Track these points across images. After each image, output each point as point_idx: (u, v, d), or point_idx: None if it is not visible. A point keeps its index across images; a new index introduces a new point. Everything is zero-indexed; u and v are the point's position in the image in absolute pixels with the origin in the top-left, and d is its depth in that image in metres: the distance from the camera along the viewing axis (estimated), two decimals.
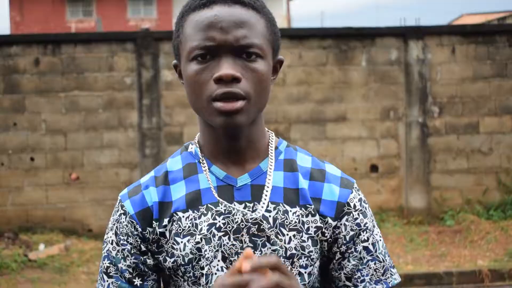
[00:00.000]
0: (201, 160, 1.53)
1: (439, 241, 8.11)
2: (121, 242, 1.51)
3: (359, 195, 1.56)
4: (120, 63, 8.72)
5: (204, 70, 1.42)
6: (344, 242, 1.52)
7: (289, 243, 1.47)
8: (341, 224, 1.51)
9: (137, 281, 1.51)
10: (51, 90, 8.61)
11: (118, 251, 1.51)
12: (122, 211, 1.52)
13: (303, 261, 1.48)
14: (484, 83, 9.07)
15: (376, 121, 8.98)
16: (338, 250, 1.53)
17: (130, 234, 1.50)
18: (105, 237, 1.56)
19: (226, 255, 1.46)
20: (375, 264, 1.54)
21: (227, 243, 1.45)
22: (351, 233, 1.52)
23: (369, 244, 1.54)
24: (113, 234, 1.52)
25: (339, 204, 1.51)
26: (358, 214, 1.53)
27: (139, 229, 1.49)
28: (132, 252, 1.50)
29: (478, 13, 32.82)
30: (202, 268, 1.46)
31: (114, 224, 1.53)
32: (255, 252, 1.45)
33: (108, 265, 1.52)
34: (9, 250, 7.66)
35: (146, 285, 1.52)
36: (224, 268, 1.45)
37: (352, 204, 1.53)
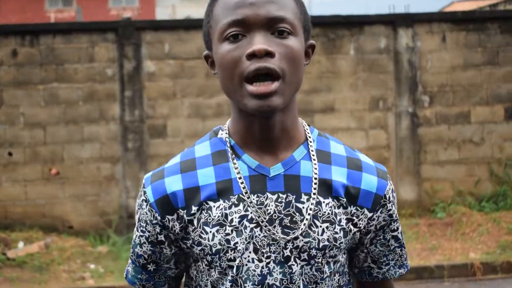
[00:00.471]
0: (230, 148, 1.52)
1: (430, 234, 8.14)
2: (141, 228, 1.56)
3: (391, 185, 1.60)
4: (101, 53, 8.67)
5: (236, 49, 1.42)
6: (374, 230, 1.58)
7: (322, 234, 1.49)
8: (376, 216, 1.56)
9: (151, 267, 1.58)
10: (29, 82, 8.55)
11: (137, 236, 1.58)
12: (144, 198, 1.55)
13: (334, 252, 1.51)
14: (475, 71, 9.09)
15: (365, 112, 8.98)
16: (368, 239, 1.59)
17: (148, 222, 1.54)
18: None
19: (258, 247, 1.47)
20: (401, 250, 1.65)
21: (259, 234, 1.46)
22: (383, 223, 1.58)
23: (398, 233, 1.62)
24: (137, 219, 1.58)
25: (377, 196, 1.55)
26: (391, 205, 1.58)
27: (158, 218, 1.52)
28: (149, 240, 1.55)
29: None
30: (230, 260, 1.47)
31: (138, 209, 1.57)
32: (288, 243, 1.47)
33: (132, 248, 1.61)
34: None
35: (160, 269, 1.58)
36: (255, 260, 1.47)
37: (388, 196, 1.57)
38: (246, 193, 1.47)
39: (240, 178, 1.48)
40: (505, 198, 8.89)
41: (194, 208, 1.49)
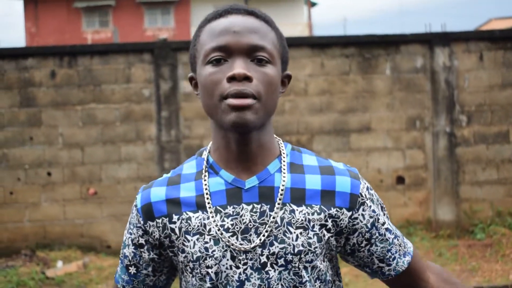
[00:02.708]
0: (209, 166, 1.66)
1: (469, 255, 8.05)
2: (129, 230, 1.73)
3: (365, 183, 1.69)
4: (138, 74, 8.79)
5: (218, 72, 1.55)
6: (367, 229, 1.67)
7: (296, 240, 1.60)
8: (358, 215, 1.65)
9: (132, 270, 1.74)
10: (67, 103, 8.69)
11: (126, 237, 1.74)
12: (135, 203, 1.71)
13: (309, 257, 1.61)
14: None
15: (402, 131, 8.95)
16: (363, 238, 1.68)
17: (134, 225, 1.71)
18: None
19: (235, 254, 1.59)
20: (397, 240, 1.74)
21: (235, 242, 1.59)
22: (371, 220, 1.68)
23: (388, 225, 1.72)
24: (128, 221, 1.75)
25: (352, 196, 1.65)
26: (370, 202, 1.68)
27: (141, 222, 1.68)
28: (133, 242, 1.72)
29: (507, 17, 32.63)
30: (208, 267, 1.60)
31: (131, 213, 1.74)
32: (264, 250, 1.58)
33: (121, 249, 1.77)
34: (26, 268, 7.72)
35: (139, 275, 1.74)
36: (233, 266, 1.59)
37: (364, 194, 1.67)
38: (209, 208, 1.60)
39: (207, 193, 1.61)
40: None
41: (175, 217, 1.63)
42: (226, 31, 1.56)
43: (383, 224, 1.70)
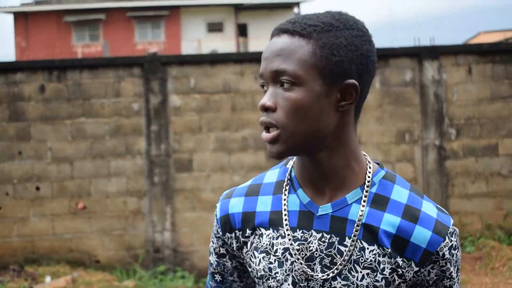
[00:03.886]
0: (287, 182, 1.60)
1: None
2: (212, 239, 1.72)
3: (451, 241, 1.53)
4: (127, 88, 8.78)
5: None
6: (427, 285, 1.55)
7: (361, 280, 1.50)
8: (425, 270, 1.52)
9: (218, 277, 1.74)
10: (57, 117, 8.67)
11: (210, 245, 1.74)
12: (215, 212, 1.69)
13: None
14: (503, 103, 9.06)
15: (391, 144, 8.97)
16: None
17: (215, 234, 1.70)
18: None
19: (296, 280, 1.53)
20: None
21: (299, 269, 1.53)
22: (435, 278, 1.53)
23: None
24: (212, 229, 1.72)
25: (426, 251, 1.50)
26: (445, 262, 1.53)
27: (220, 233, 1.67)
28: (215, 251, 1.71)
29: (495, 30, 32.83)
30: (270, 287, 1.56)
31: (214, 220, 1.71)
32: (325, 283, 1.51)
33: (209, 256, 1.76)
34: (14, 283, 7.67)
35: (225, 282, 1.74)
36: None
37: (441, 254, 1.52)
38: (287, 230, 1.54)
39: (285, 213, 1.56)
40: None
41: (248, 232, 1.61)
42: (262, 57, 1.54)
43: (445, 287, 1.56)
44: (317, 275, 1.51)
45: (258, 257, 1.58)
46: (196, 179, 8.71)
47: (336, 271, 1.50)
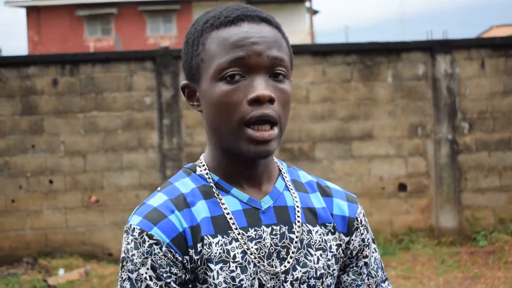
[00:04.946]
0: (214, 184, 1.48)
1: (472, 263, 8.03)
2: (164, 275, 1.37)
3: (362, 209, 1.60)
4: (139, 82, 8.79)
5: (235, 91, 1.38)
6: (350, 256, 1.56)
7: (317, 263, 1.47)
8: (352, 239, 1.55)
9: None
10: (69, 111, 8.70)
11: (161, 286, 1.38)
12: (152, 241, 1.38)
13: (329, 280, 1.50)
14: None
15: (404, 139, 8.95)
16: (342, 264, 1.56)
17: (172, 264, 1.38)
18: (134, 276, 1.39)
19: (263, 282, 1.42)
20: (368, 279, 1.58)
21: (262, 269, 1.42)
22: (358, 248, 1.56)
23: (368, 259, 1.58)
24: (147, 269, 1.38)
25: (350, 219, 1.55)
26: (364, 229, 1.57)
27: (180, 258, 1.39)
28: (177, 282, 1.39)
29: (508, 24, 32.64)
30: None
31: (145, 258, 1.38)
32: (287, 276, 1.44)
33: None
34: (28, 275, 7.71)
35: None
36: None
37: (359, 219, 1.57)
38: (236, 229, 1.42)
39: (228, 213, 1.43)
40: None
41: (199, 246, 1.40)
42: (243, 41, 1.38)
43: (365, 257, 1.57)
44: (278, 270, 1.43)
45: (214, 269, 1.39)
46: None
47: (293, 260, 1.45)
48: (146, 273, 1.37)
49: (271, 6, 37.96)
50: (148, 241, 1.38)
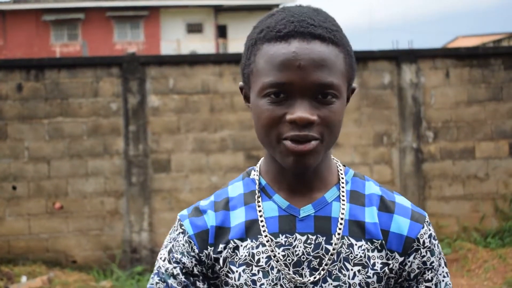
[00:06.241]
0: (261, 189, 1.51)
1: None
2: (174, 260, 1.50)
3: (429, 230, 1.51)
4: (106, 88, 8.74)
5: (276, 109, 1.38)
6: (408, 278, 1.50)
7: (353, 278, 1.44)
8: (408, 261, 1.48)
9: None
10: (34, 116, 8.60)
11: (168, 268, 1.50)
12: (181, 230, 1.52)
13: None
14: (479, 107, 9.13)
15: (369, 147, 9.01)
16: (400, 286, 1.51)
17: (185, 253, 1.49)
18: (158, 255, 1.55)
19: None
20: None
21: (286, 276, 1.43)
22: (417, 271, 1.49)
23: (432, 284, 1.51)
24: (167, 252, 1.52)
25: (407, 239, 1.48)
26: (426, 251, 1.50)
27: (196, 251, 1.49)
28: (183, 271, 1.48)
29: (473, 35, 33.09)
30: None
31: (170, 242, 1.53)
32: (315, 287, 1.42)
33: (158, 281, 1.51)
34: None
35: None
36: None
37: (421, 241, 1.49)
38: (265, 233, 1.44)
39: (262, 220, 1.46)
40: (510, 234, 8.86)
41: (221, 246, 1.47)
42: (289, 63, 1.36)
43: (427, 281, 1.50)
44: (306, 280, 1.42)
45: (237, 271, 1.45)
46: (174, 179, 8.69)
47: (325, 272, 1.43)
48: (163, 254, 1.53)
49: (241, 13, 38.02)
50: (178, 229, 1.53)
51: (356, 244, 1.45)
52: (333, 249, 1.44)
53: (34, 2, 34.00)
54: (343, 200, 1.48)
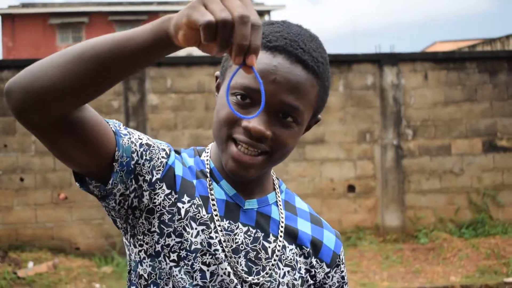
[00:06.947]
0: (208, 174, 1.43)
1: (413, 258, 8.13)
2: (156, 144, 1.37)
3: (343, 248, 1.57)
4: None
5: (238, 110, 1.30)
6: None
7: (283, 277, 1.42)
8: (331, 274, 1.51)
9: (124, 159, 1.32)
10: None
11: (146, 138, 1.37)
12: (177, 150, 1.44)
13: None
14: (455, 107, 9.15)
15: (353, 144, 9.02)
16: None
17: (165, 155, 1.38)
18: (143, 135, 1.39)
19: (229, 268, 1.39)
20: None
21: (229, 260, 1.38)
22: (337, 284, 1.52)
23: None
24: (157, 141, 1.40)
25: (334, 254, 1.51)
26: (343, 267, 1.54)
27: (166, 165, 1.37)
28: (144, 170, 1.33)
29: (450, 40, 33.16)
30: (206, 264, 1.35)
31: (165, 144, 1.42)
32: (248, 277, 1.38)
33: (124, 130, 1.38)
34: None
35: (113, 192, 1.36)
36: (231, 274, 1.36)
37: (341, 257, 1.53)
38: (216, 215, 1.38)
39: (213, 200, 1.39)
40: (483, 225, 8.91)
41: (186, 197, 1.37)
42: (266, 75, 1.28)
43: None
44: (241, 268, 1.38)
45: (196, 228, 1.35)
46: None
47: (260, 266, 1.40)
48: (153, 141, 1.39)
49: None
50: (175, 150, 1.43)
51: (288, 247, 1.44)
52: (269, 247, 1.42)
53: (41, 6, 33.86)
54: (281, 206, 1.47)
